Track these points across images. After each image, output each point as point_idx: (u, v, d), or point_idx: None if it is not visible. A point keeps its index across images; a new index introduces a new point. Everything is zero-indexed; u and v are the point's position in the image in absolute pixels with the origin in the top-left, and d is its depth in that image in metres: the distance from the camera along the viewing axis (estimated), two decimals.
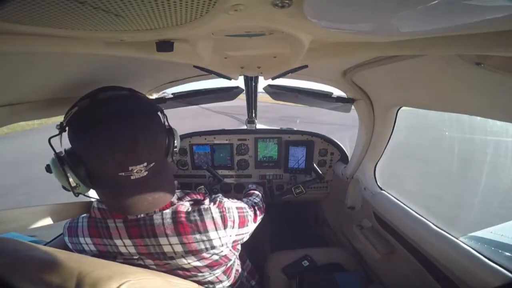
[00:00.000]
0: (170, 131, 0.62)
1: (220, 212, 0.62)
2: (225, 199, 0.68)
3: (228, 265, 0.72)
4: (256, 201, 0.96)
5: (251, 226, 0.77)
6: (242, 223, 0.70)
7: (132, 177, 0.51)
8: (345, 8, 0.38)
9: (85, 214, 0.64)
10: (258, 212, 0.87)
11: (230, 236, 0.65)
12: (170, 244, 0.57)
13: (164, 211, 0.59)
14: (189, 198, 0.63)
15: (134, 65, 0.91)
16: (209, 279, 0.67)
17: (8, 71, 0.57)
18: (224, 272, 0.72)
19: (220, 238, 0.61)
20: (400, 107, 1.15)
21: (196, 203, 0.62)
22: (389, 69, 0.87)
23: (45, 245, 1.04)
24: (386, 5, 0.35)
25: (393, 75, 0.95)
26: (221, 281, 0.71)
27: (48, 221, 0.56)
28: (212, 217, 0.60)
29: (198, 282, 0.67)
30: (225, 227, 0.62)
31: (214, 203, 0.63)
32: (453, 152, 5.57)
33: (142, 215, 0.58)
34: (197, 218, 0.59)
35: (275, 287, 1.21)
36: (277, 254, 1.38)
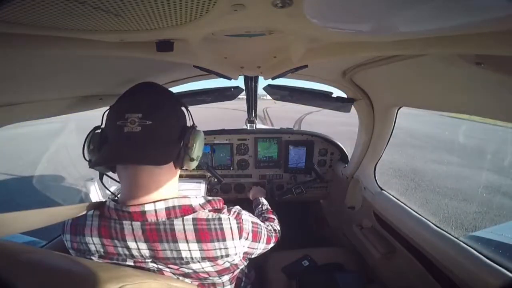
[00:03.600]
0: (186, 128, 0.62)
1: (237, 223, 0.64)
2: (243, 211, 0.70)
3: (235, 273, 0.73)
4: (275, 228, 0.97)
5: (263, 245, 0.79)
6: (255, 237, 0.72)
7: (125, 129, 0.53)
8: (345, 8, 0.38)
9: (92, 212, 0.62)
10: (273, 238, 0.88)
11: (243, 246, 0.67)
12: (189, 250, 0.58)
13: (185, 217, 0.59)
14: (210, 207, 0.64)
15: (133, 65, 0.91)
16: (215, 281, 0.68)
17: (8, 71, 0.57)
18: (230, 280, 0.74)
19: (235, 247, 0.63)
20: (400, 107, 1.15)
21: (216, 212, 0.64)
22: (389, 69, 0.87)
23: (43, 246, 1.04)
24: (386, 5, 0.35)
25: (393, 75, 0.95)
26: (224, 286, 0.72)
27: (52, 221, 0.56)
28: (230, 227, 0.62)
29: (202, 285, 0.68)
30: (240, 237, 0.64)
31: (233, 214, 0.66)
32: None
33: (162, 219, 0.58)
34: (217, 227, 0.60)
35: (275, 287, 1.21)
36: (277, 254, 1.38)
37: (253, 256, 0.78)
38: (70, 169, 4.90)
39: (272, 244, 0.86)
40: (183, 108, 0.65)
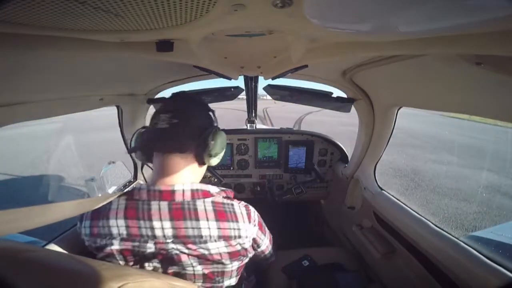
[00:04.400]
0: (209, 128, 0.71)
1: (246, 210, 0.75)
2: (251, 207, 0.79)
3: (243, 262, 0.78)
4: (271, 248, 1.00)
5: (267, 242, 0.87)
6: (261, 228, 0.81)
7: (157, 126, 0.66)
8: (345, 8, 0.38)
9: (118, 197, 0.67)
10: (270, 250, 0.95)
11: (252, 232, 0.75)
12: (209, 228, 0.65)
13: (205, 199, 0.68)
14: (224, 194, 0.75)
15: (134, 65, 0.91)
16: (225, 269, 0.72)
17: (8, 71, 0.57)
18: (237, 270, 0.77)
19: (246, 230, 0.71)
20: (400, 107, 1.15)
21: (229, 199, 0.74)
22: (389, 69, 0.87)
23: (44, 246, 1.04)
24: (386, 5, 0.35)
25: (393, 75, 0.95)
26: (230, 277, 0.76)
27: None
28: (241, 212, 0.72)
29: (212, 274, 0.71)
30: (249, 221, 0.73)
31: (243, 204, 0.76)
32: None
33: (187, 199, 0.66)
34: (231, 210, 0.70)
35: (275, 287, 1.21)
36: (277, 254, 1.38)
37: (260, 249, 0.84)
38: (71, 169, 4.90)
39: (269, 252, 0.93)
40: (210, 113, 0.77)
